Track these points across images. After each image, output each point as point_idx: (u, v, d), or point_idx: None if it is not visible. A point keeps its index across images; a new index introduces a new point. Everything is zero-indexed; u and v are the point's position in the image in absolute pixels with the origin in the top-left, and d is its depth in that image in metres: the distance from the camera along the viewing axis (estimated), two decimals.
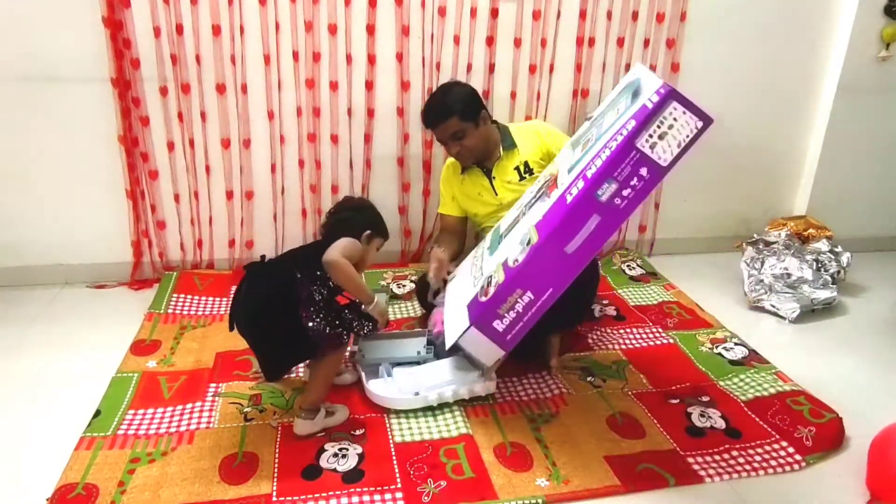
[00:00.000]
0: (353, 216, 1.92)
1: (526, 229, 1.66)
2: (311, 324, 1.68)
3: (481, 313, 1.63)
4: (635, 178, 1.49)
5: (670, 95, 1.47)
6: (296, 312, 1.68)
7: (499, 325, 1.63)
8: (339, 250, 1.73)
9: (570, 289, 1.64)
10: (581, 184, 1.54)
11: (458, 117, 2.14)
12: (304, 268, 1.73)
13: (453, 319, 1.78)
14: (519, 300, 1.59)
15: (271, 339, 1.72)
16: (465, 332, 1.65)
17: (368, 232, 1.88)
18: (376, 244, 1.94)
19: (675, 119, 1.48)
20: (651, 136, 1.47)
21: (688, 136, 1.49)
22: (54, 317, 2.36)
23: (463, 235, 2.46)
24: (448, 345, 1.76)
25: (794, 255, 2.69)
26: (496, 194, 2.26)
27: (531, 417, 1.85)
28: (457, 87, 2.26)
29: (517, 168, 2.25)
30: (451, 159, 2.35)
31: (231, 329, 1.74)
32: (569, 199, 1.55)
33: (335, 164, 2.68)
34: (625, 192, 1.50)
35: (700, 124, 1.49)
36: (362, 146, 2.67)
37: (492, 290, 1.63)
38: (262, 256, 1.82)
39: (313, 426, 1.75)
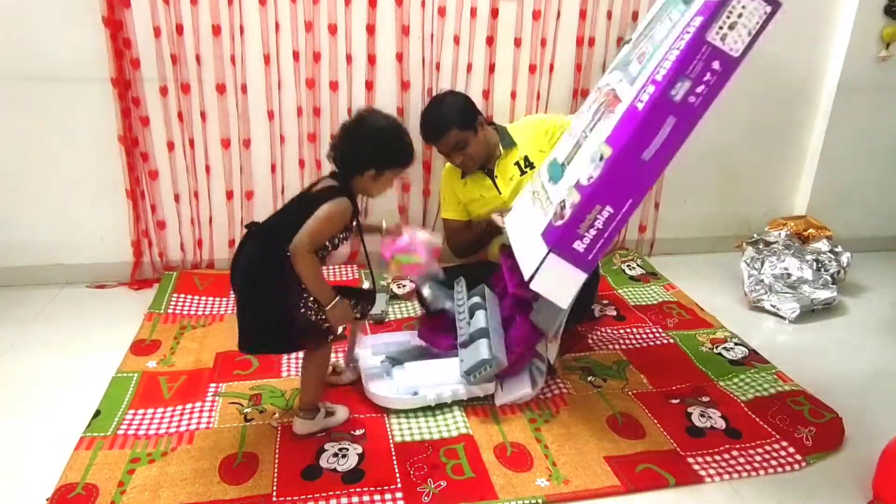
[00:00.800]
0: (353, 149, 1.68)
1: (595, 147, 1.61)
2: (302, 309, 1.62)
3: (560, 237, 1.57)
4: (708, 74, 1.46)
5: None
6: (287, 291, 1.61)
7: (579, 246, 1.58)
8: (308, 237, 1.57)
9: None
10: (651, 88, 1.49)
11: (457, 128, 2.15)
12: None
13: (527, 253, 1.70)
14: (598, 216, 1.55)
15: (256, 311, 1.65)
16: (543, 259, 1.59)
17: (373, 171, 1.67)
18: (388, 178, 1.72)
19: (743, 7, 1.45)
20: (721, 27, 1.45)
21: (757, 23, 1.47)
22: (54, 317, 2.36)
23: None
24: (526, 277, 1.67)
25: (794, 255, 2.69)
26: (499, 192, 2.27)
27: (531, 417, 1.85)
28: (449, 97, 2.26)
29: (517, 163, 2.25)
30: (448, 164, 2.35)
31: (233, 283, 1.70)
32: (640, 106, 1.50)
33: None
34: (698, 90, 1.46)
35: (769, 9, 1.46)
36: None
37: (568, 213, 1.57)
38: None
39: (313, 426, 1.74)
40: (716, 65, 1.46)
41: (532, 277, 1.64)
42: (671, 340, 2.32)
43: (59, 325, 2.29)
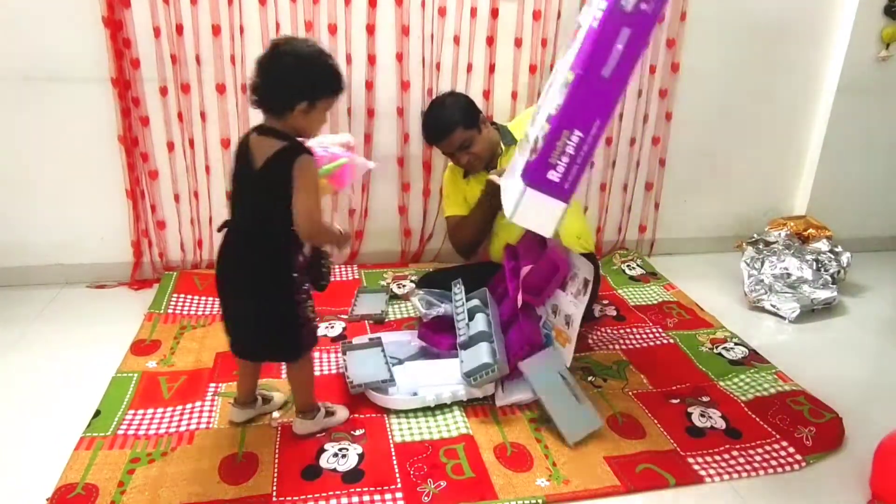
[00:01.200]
0: (277, 84, 1.50)
1: (561, 77, 1.59)
2: (305, 310, 1.60)
3: (534, 170, 1.56)
4: None
5: None
6: (294, 291, 1.57)
7: (554, 176, 1.56)
8: (310, 216, 1.49)
9: None
10: (604, 4, 1.47)
11: (461, 127, 2.14)
12: (282, 227, 1.52)
13: (510, 195, 1.70)
14: (568, 141, 1.53)
15: (266, 317, 1.60)
16: (521, 197, 1.58)
17: (304, 105, 1.50)
18: (321, 110, 1.55)
19: None
20: None
21: None
22: (54, 317, 2.36)
23: None
24: (508, 216, 1.66)
25: (794, 255, 2.69)
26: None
27: (531, 417, 1.85)
28: (450, 98, 2.26)
29: None
30: (451, 164, 2.35)
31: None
32: (594, 24, 1.48)
33: None
34: None
35: None
36: (362, 146, 2.67)
37: (540, 145, 1.56)
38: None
39: (313, 426, 1.74)
40: None
41: (513, 214, 1.62)
42: (671, 340, 2.32)
43: (59, 325, 2.29)
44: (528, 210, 1.60)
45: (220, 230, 1.62)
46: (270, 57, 1.51)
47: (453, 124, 2.14)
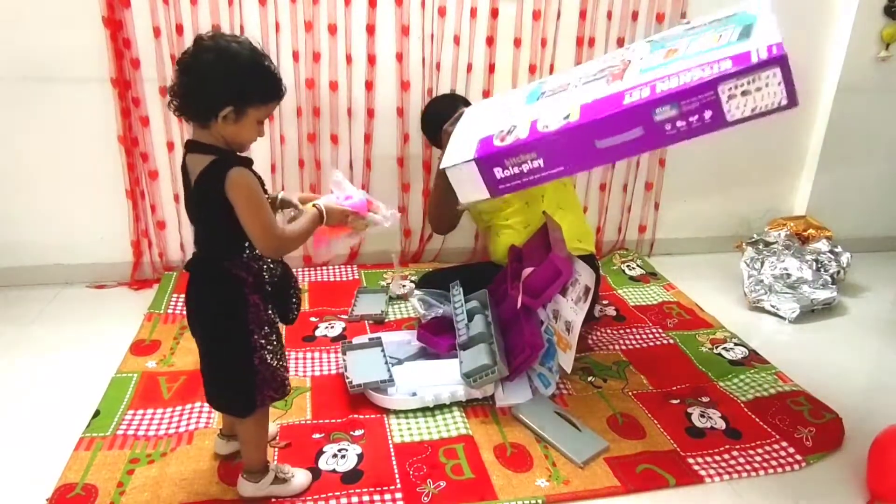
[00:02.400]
0: (198, 87, 1.26)
1: (570, 104, 1.59)
2: (262, 352, 1.38)
3: (490, 154, 1.57)
4: (696, 116, 1.42)
5: (779, 61, 1.39)
6: (248, 331, 1.36)
7: (498, 173, 1.58)
8: (263, 231, 1.29)
9: None
10: (646, 92, 1.46)
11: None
12: (236, 252, 1.34)
13: (459, 146, 1.71)
14: (529, 162, 1.55)
15: (218, 361, 1.43)
16: (464, 162, 1.59)
17: (229, 110, 1.26)
18: (253, 117, 1.30)
19: (766, 84, 1.40)
20: (736, 87, 1.40)
21: (766, 107, 1.42)
22: (54, 317, 2.36)
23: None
24: (442, 164, 1.68)
25: (794, 256, 2.69)
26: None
27: None
28: (448, 97, 2.27)
29: None
30: None
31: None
32: (626, 100, 1.47)
33: (335, 165, 2.67)
34: (679, 123, 1.43)
35: (785, 102, 1.42)
36: (362, 146, 2.67)
37: (509, 140, 1.57)
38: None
39: (256, 490, 1.50)
40: (707, 114, 1.42)
41: (448, 165, 1.64)
42: (671, 341, 2.32)
43: (59, 325, 2.29)
44: (461, 174, 1.61)
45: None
46: (191, 54, 1.27)
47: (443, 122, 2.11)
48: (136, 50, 2.37)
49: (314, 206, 1.46)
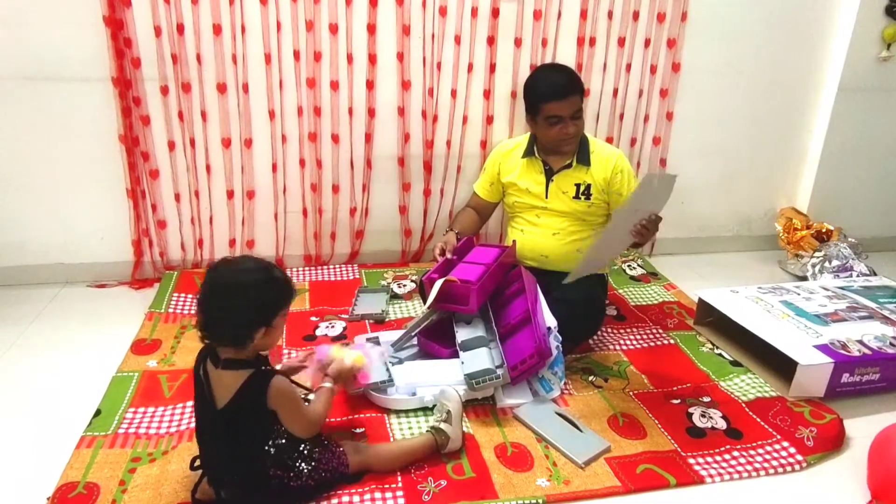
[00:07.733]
0: (230, 321, 1.38)
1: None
2: (298, 481, 1.47)
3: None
4: None
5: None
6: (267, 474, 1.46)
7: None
8: (301, 423, 1.45)
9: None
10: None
11: (580, 96, 2.11)
12: (255, 444, 1.45)
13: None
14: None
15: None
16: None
17: (263, 330, 1.39)
18: (280, 322, 1.44)
19: None
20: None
21: None
22: (54, 316, 2.36)
23: (486, 219, 2.46)
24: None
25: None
26: (546, 197, 2.22)
27: None
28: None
29: (578, 185, 2.19)
30: (513, 142, 2.32)
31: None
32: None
33: (336, 164, 2.68)
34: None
35: None
36: (363, 146, 2.67)
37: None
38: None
39: None
40: None
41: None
42: (672, 341, 2.32)
43: (59, 325, 2.29)
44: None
45: (192, 469, 1.53)
46: (212, 294, 1.39)
47: (581, 88, 2.10)
48: (136, 49, 2.37)
49: (322, 387, 1.58)
